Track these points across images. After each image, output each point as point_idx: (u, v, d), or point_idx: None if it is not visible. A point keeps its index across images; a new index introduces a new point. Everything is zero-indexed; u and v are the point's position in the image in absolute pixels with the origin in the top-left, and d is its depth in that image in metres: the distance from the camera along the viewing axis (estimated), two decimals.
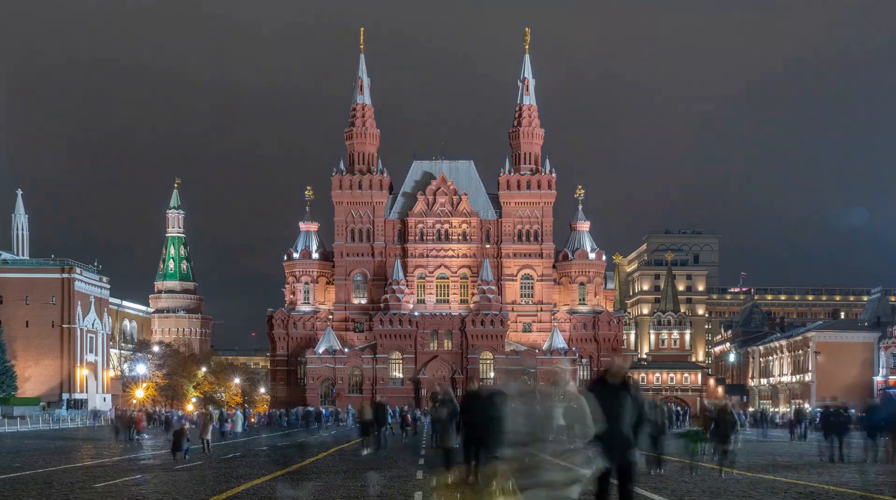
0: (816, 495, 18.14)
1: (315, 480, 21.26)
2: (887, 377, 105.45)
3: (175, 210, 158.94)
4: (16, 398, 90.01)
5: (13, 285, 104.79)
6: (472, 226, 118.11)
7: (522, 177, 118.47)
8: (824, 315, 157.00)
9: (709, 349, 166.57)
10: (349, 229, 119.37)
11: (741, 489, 19.07)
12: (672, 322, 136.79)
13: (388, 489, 19.00)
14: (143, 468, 26.42)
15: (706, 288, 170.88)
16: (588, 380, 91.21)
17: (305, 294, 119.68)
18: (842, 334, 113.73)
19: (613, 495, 10.61)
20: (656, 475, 21.67)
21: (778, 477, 22.03)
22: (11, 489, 19.98)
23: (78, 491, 19.28)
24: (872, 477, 22.25)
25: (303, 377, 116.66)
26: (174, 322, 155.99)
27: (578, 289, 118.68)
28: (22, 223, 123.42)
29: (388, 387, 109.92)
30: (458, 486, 10.56)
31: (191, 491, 19.14)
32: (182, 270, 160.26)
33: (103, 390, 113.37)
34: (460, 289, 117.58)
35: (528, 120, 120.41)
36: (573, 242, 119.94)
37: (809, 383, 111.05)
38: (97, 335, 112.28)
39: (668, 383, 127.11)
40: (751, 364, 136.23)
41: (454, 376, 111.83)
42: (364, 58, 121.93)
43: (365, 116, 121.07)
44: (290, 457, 30.91)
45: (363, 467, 25.49)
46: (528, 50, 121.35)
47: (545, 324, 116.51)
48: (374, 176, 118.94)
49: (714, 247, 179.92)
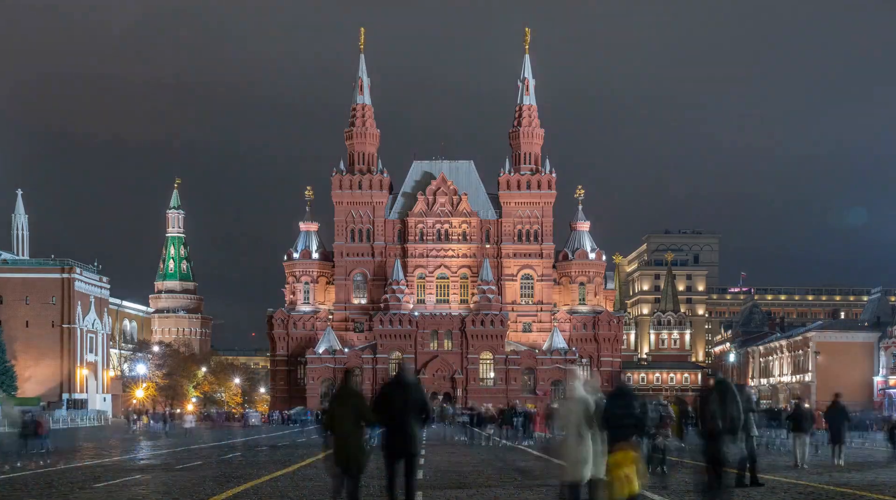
0: (816, 495, 18.13)
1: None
2: (887, 377, 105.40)
3: (175, 210, 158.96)
4: (16, 398, 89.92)
5: (13, 285, 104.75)
6: (472, 226, 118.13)
7: (522, 177, 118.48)
8: (824, 315, 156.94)
9: (709, 349, 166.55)
10: (349, 229, 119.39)
11: (741, 489, 19.04)
12: (672, 322, 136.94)
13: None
14: (143, 468, 26.43)
15: (706, 288, 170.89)
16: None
17: (305, 294, 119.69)
18: (842, 334, 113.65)
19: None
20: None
21: (778, 477, 22.02)
22: (11, 489, 19.97)
23: (78, 491, 19.27)
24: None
25: (303, 377, 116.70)
26: (174, 322, 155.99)
27: (578, 289, 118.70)
28: (22, 223, 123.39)
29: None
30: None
31: (191, 491, 19.13)
32: (182, 270, 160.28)
33: (103, 391, 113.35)
34: (460, 289, 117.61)
35: (528, 120, 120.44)
36: (573, 242, 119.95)
37: (809, 384, 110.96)
38: (97, 335, 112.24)
39: (668, 383, 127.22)
40: (751, 364, 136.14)
41: (454, 376, 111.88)
42: (364, 58, 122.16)
43: (365, 116, 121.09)
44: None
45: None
46: (528, 50, 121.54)
47: (545, 324, 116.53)
48: (374, 176, 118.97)
49: (714, 247, 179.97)
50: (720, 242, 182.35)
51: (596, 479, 12.37)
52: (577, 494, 12.45)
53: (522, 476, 22.40)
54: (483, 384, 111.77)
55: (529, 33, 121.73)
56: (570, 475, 12.43)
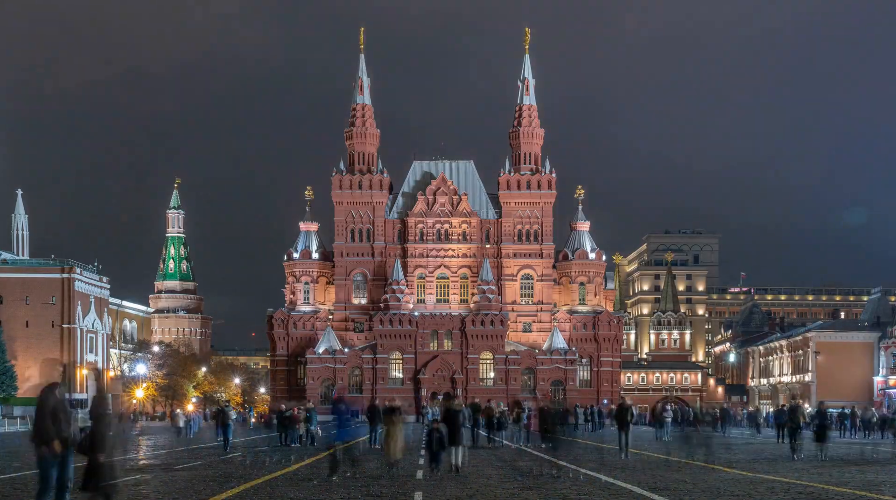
0: (816, 495, 18.14)
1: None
2: (887, 377, 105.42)
3: (175, 210, 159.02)
4: (16, 398, 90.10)
5: (13, 285, 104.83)
6: (472, 226, 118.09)
7: (522, 177, 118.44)
8: (824, 315, 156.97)
9: (709, 349, 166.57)
10: (349, 229, 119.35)
11: (741, 489, 19.08)
12: (672, 322, 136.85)
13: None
14: (143, 468, 26.41)
15: (706, 288, 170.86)
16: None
17: (305, 294, 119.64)
18: (842, 334, 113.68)
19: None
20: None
21: (778, 477, 22.03)
22: (11, 488, 19.96)
23: (78, 491, 19.25)
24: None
25: (303, 377, 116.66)
26: (174, 322, 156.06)
27: (578, 289, 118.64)
28: (22, 223, 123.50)
29: (388, 387, 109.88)
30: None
31: (191, 491, 19.13)
32: (182, 270, 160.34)
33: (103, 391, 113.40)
34: (460, 289, 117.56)
35: (528, 120, 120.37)
36: (573, 242, 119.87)
37: (809, 383, 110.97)
38: (97, 335, 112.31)
39: (668, 383, 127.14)
40: (751, 364, 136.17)
41: (454, 376, 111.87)
42: (364, 58, 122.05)
43: (365, 116, 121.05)
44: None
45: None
46: (528, 50, 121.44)
47: (545, 324, 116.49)
48: (374, 176, 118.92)
49: (714, 247, 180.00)
50: (720, 242, 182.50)
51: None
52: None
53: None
54: (483, 384, 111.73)
55: (529, 33, 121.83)
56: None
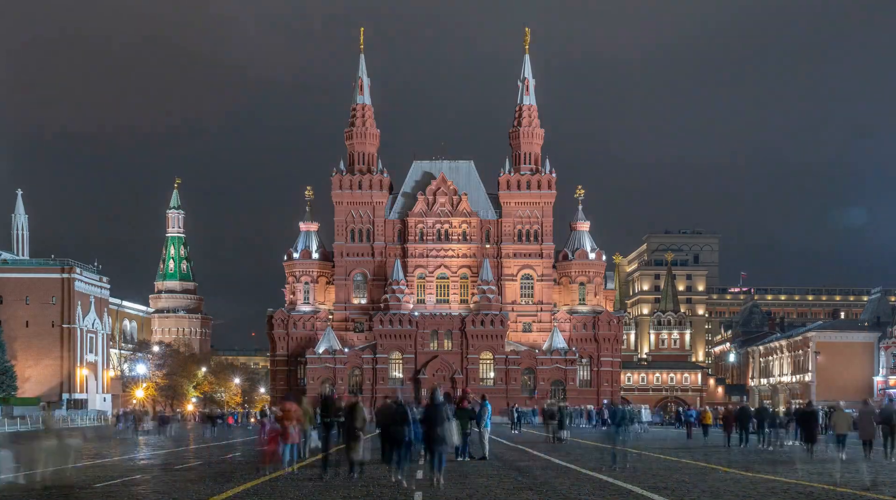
0: (816, 495, 18.15)
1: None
2: (887, 377, 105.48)
3: (175, 210, 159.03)
4: (16, 398, 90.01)
5: (13, 285, 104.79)
6: (472, 226, 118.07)
7: (522, 177, 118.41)
8: (824, 315, 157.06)
9: (709, 349, 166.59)
10: (349, 229, 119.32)
11: (741, 489, 19.09)
12: (672, 322, 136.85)
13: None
14: (143, 468, 26.41)
15: (706, 288, 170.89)
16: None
17: (305, 294, 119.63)
18: (842, 334, 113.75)
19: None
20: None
21: (778, 477, 22.03)
22: (13, 488, 19.96)
23: (78, 491, 19.27)
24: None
25: (303, 377, 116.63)
26: (174, 322, 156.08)
27: (578, 289, 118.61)
28: (22, 223, 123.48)
29: (388, 387, 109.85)
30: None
31: (191, 491, 19.14)
32: (182, 270, 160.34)
33: (103, 391, 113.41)
34: (460, 289, 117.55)
35: (528, 120, 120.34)
36: (573, 243, 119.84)
37: (809, 383, 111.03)
38: (97, 335, 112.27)
39: (668, 383, 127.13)
40: (751, 364, 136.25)
41: (454, 376, 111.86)
42: (364, 58, 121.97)
43: (365, 116, 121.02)
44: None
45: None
46: (528, 50, 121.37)
47: (545, 324, 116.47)
48: (374, 176, 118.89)
49: (714, 247, 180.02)
50: (720, 242, 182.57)
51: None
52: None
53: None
54: (483, 384, 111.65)
55: (529, 33, 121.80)
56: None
